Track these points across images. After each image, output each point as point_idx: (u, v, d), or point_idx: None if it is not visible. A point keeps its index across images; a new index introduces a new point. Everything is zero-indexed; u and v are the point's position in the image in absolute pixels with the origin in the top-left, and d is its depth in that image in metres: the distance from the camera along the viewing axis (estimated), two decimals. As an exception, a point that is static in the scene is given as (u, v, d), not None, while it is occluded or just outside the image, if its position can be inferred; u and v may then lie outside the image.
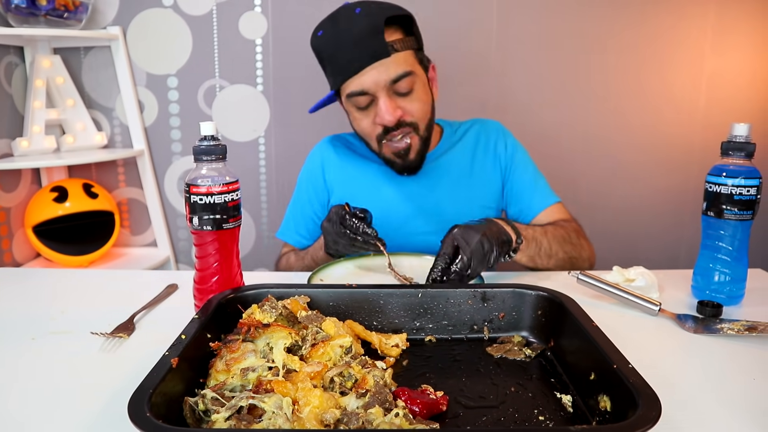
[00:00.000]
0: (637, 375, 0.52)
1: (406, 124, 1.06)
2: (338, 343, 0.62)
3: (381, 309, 0.74)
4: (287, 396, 0.52)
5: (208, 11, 1.75)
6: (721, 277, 0.86)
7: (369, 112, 1.06)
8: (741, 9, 1.75)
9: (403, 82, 1.03)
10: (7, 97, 1.68)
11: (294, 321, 0.67)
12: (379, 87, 1.02)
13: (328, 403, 0.52)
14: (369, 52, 1.00)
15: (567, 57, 1.79)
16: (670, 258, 1.90)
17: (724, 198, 0.83)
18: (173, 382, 0.53)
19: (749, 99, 1.82)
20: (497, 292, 0.75)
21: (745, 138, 0.82)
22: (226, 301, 0.70)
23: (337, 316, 0.71)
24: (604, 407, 0.54)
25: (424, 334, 0.74)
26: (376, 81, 1.02)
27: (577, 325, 0.64)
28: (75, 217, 1.70)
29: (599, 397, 0.55)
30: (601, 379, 0.56)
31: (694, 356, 0.71)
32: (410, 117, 1.06)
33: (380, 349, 0.69)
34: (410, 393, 0.56)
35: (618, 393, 0.52)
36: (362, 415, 0.51)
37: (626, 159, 1.85)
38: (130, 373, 0.64)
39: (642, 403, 0.48)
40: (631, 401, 0.49)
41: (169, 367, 0.53)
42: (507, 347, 0.71)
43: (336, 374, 0.58)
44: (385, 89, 1.03)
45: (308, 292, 0.73)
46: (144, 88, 1.81)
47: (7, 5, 1.56)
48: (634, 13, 1.75)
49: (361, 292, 0.74)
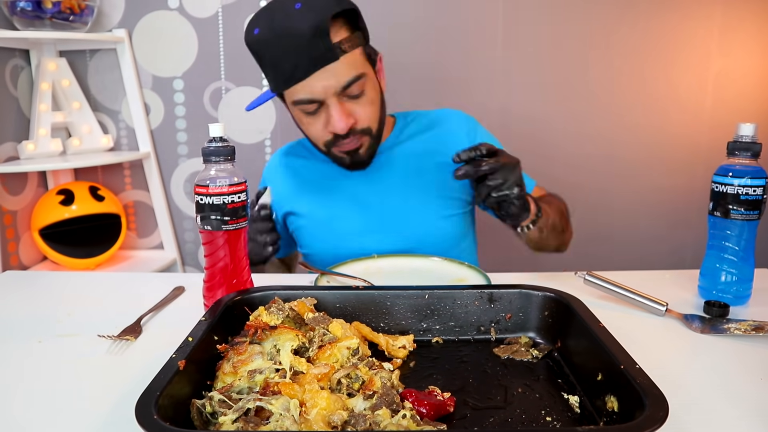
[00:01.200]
0: (645, 375, 0.52)
1: (357, 133, 1.02)
2: (345, 344, 0.62)
3: (388, 310, 0.74)
4: (294, 398, 0.52)
5: (213, 13, 1.76)
6: (727, 277, 0.86)
7: (318, 117, 1.00)
8: (747, 9, 1.75)
9: (354, 87, 0.97)
10: (13, 100, 1.69)
11: (301, 323, 0.67)
12: (328, 94, 0.96)
13: (336, 405, 0.52)
14: (315, 56, 0.91)
15: (572, 57, 1.79)
16: (676, 258, 1.90)
17: (731, 198, 0.83)
18: (180, 385, 0.54)
19: (755, 99, 1.81)
20: (504, 293, 0.75)
21: (752, 138, 0.82)
22: (232, 303, 0.70)
23: (344, 317, 0.71)
24: (612, 408, 0.54)
25: (431, 335, 0.74)
26: (325, 88, 0.95)
27: (584, 325, 0.64)
28: (81, 219, 1.71)
29: (606, 398, 0.55)
30: (609, 380, 0.56)
31: (702, 356, 0.71)
32: (362, 123, 1.02)
33: (387, 351, 0.69)
34: (417, 394, 0.56)
35: (625, 393, 0.52)
36: (369, 416, 0.51)
37: (632, 159, 1.85)
38: (137, 376, 0.64)
39: (649, 404, 0.48)
40: (638, 402, 0.49)
41: (177, 370, 0.54)
42: (514, 348, 0.71)
43: (343, 376, 0.58)
44: (335, 96, 0.96)
45: (315, 294, 0.73)
46: (150, 91, 1.82)
47: (12, 8, 1.57)
48: (640, 13, 1.75)
49: (368, 293, 0.74)
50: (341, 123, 0.97)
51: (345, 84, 0.95)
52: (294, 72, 0.93)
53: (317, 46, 0.91)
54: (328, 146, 1.04)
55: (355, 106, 1.00)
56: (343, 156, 1.06)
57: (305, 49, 0.91)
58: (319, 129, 1.02)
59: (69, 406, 0.59)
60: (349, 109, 0.99)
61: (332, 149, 1.05)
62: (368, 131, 1.04)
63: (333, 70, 0.94)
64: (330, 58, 0.92)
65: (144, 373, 0.62)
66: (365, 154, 1.07)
